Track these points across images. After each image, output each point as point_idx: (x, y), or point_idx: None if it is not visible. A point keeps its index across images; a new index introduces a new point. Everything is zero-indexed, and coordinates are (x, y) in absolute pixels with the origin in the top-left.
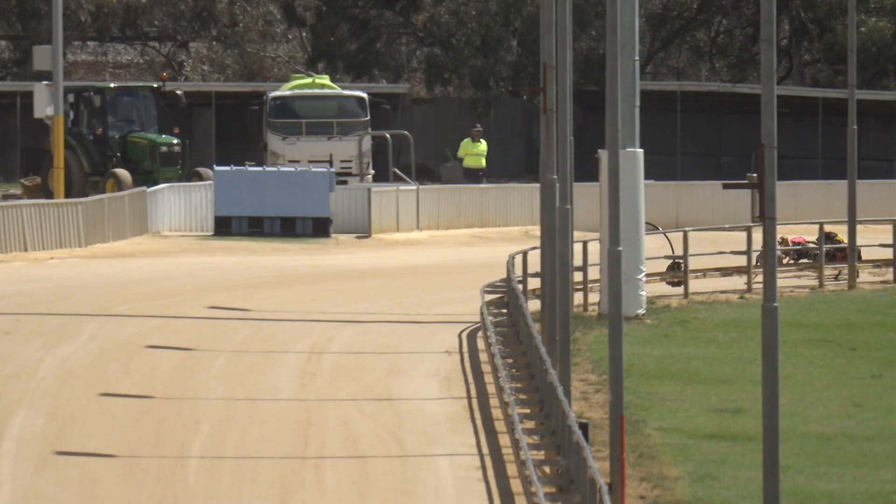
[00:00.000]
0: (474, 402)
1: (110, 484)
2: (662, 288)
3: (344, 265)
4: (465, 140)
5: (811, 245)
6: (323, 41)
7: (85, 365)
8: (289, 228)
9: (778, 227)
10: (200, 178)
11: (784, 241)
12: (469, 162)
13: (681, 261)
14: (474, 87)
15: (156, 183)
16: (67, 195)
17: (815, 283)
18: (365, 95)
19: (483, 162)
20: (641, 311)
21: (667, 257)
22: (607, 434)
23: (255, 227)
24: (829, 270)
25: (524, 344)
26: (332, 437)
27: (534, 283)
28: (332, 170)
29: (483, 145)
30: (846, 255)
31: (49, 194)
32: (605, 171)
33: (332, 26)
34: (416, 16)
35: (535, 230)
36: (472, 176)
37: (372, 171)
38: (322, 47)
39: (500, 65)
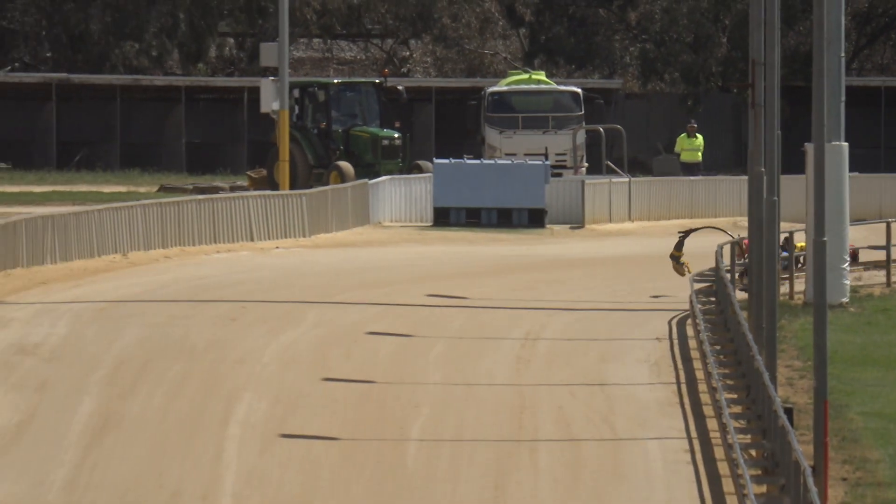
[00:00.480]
0: (683, 387)
1: (331, 465)
2: (870, 277)
3: (558, 255)
4: (682, 136)
5: None
6: (540, 38)
7: (308, 350)
8: (505, 219)
9: None
10: (420, 170)
11: None
12: (686, 157)
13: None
14: (685, 83)
15: (377, 175)
16: (292, 187)
17: None
18: (579, 91)
19: (699, 156)
20: (845, 300)
21: (870, 247)
22: (811, 418)
23: (473, 218)
24: None
25: (731, 331)
26: (545, 420)
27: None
28: (547, 162)
29: (699, 140)
30: None
31: (275, 186)
32: (810, 164)
33: (550, 23)
34: (630, 13)
35: (743, 221)
36: (690, 170)
37: (585, 164)
38: (540, 44)
39: (710, 60)
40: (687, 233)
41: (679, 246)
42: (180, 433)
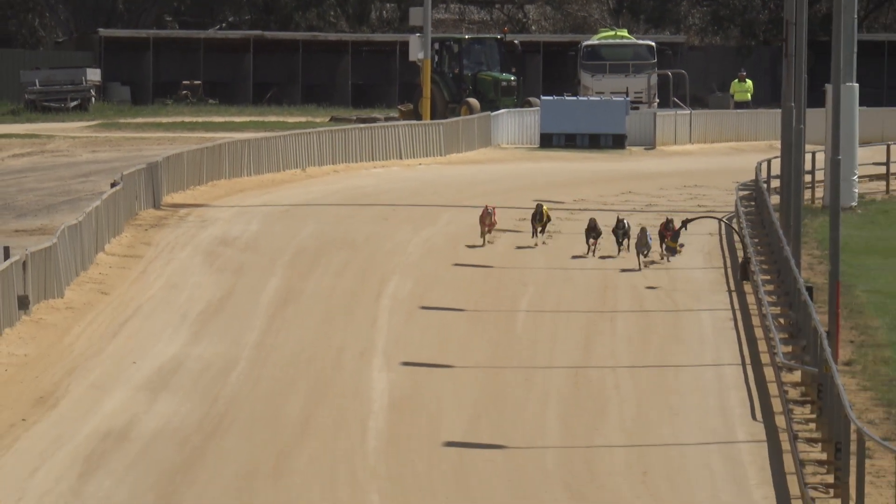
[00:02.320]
0: (728, 271)
1: (459, 329)
2: (874, 186)
3: (635, 169)
4: (734, 81)
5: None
6: (625, 2)
7: (442, 243)
8: (594, 142)
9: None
10: (530, 105)
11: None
12: (738, 97)
13: (751, 259)
14: (741, 36)
15: (497, 109)
16: (432, 118)
17: None
18: (653, 44)
19: (748, 97)
20: (854, 204)
21: (874, 164)
22: (826, 295)
23: (570, 142)
24: None
25: (766, 228)
26: (623, 296)
27: (774, 183)
28: (628, 99)
29: (749, 84)
30: None
31: (419, 117)
32: (829, 100)
33: None
34: None
35: (777, 144)
36: (741, 107)
37: (657, 100)
38: (624, 6)
39: (757, 20)
40: (685, 223)
41: (675, 237)
42: (344, 305)
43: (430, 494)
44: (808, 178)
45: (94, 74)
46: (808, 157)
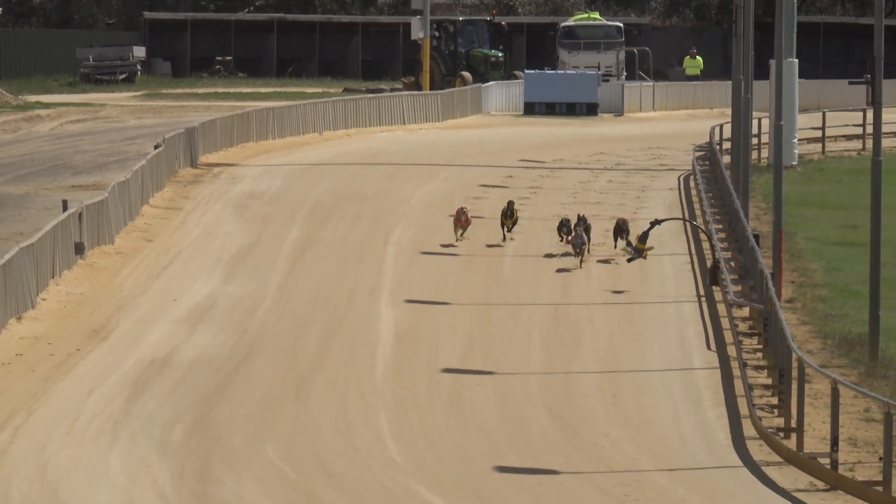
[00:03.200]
0: (687, 221)
1: (456, 272)
2: (811, 148)
3: (605, 133)
4: (686, 57)
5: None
6: None
7: (440, 197)
8: (571, 110)
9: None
10: (515, 77)
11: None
12: (689, 72)
13: (720, 266)
14: (695, 19)
15: (487, 81)
16: (431, 89)
17: None
18: (621, 25)
19: (698, 71)
20: (794, 163)
21: (812, 129)
22: (771, 241)
23: (550, 109)
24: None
25: (718, 184)
26: (596, 241)
27: (725, 145)
28: (599, 72)
29: (698, 60)
30: None
31: (419, 88)
32: (773, 73)
33: None
34: None
35: (728, 111)
36: (692, 80)
37: (625, 74)
38: None
39: (711, 4)
40: (653, 224)
41: (644, 238)
42: (355, 251)
43: (429, 414)
44: (754, 140)
45: (139, 51)
46: (754, 122)
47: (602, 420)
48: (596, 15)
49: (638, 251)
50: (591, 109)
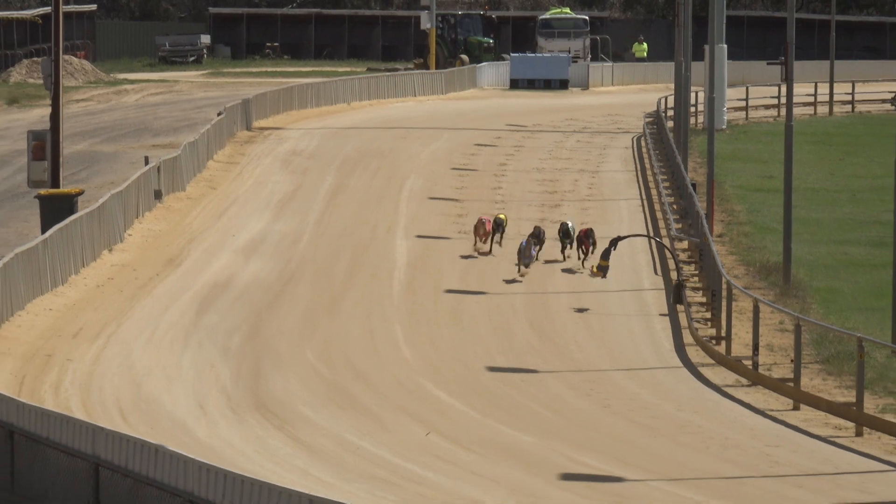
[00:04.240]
0: (639, 173)
1: (456, 212)
2: (736, 115)
3: (574, 103)
4: (635, 43)
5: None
6: None
7: (443, 153)
8: (547, 85)
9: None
10: (503, 59)
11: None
12: (637, 54)
13: (682, 290)
14: (645, 13)
15: (480, 62)
16: (436, 68)
17: (812, 111)
18: (587, 17)
19: (645, 54)
20: (724, 126)
21: (738, 100)
22: (705, 188)
23: (531, 84)
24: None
25: (663, 143)
26: (566, 189)
27: (670, 113)
28: (570, 55)
29: (645, 45)
30: None
31: (427, 67)
32: (707, 56)
33: None
34: None
35: (672, 86)
36: (640, 62)
37: (589, 56)
38: None
39: (656, 2)
40: (615, 242)
41: (605, 255)
42: (376, 197)
43: (434, 325)
44: (692, 109)
45: (205, 38)
46: (692, 94)
47: (572, 330)
48: (567, 10)
49: (603, 269)
50: (563, 84)
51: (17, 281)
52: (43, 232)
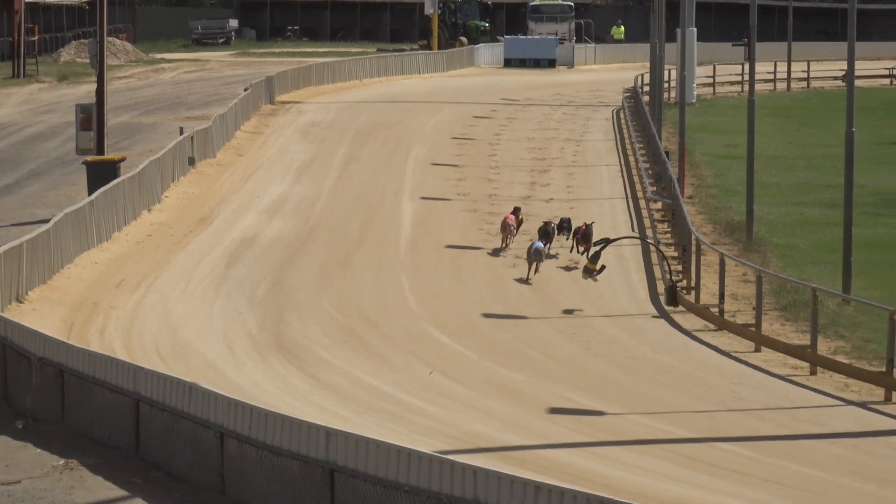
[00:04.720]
0: (618, 142)
1: (457, 176)
2: (705, 90)
3: (561, 80)
4: (613, 26)
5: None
6: None
7: (445, 125)
8: (537, 63)
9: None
10: (498, 41)
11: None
12: (616, 37)
13: (675, 292)
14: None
15: (478, 43)
16: (439, 49)
17: (772, 87)
18: (572, 3)
19: (622, 36)
20: (693, 101)
21: (706, 77)
22: (677, 156)
23: (522, 63)
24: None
25: (640, 116)
26: (554, 156)
27: (646, 88)
28: (557, 37)
29: (622, 28)
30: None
31: (430, 48)
32: (679, 38)
33: None
34: None
35: (647, 64)
36: (617, 43)
37: (574, 38)
38: None
39: None
40: (605, 244)
41: (595, 258)
42: (385, 164)
43: (437, 278)
44: (665, 85)
45: (233, 22)
46: (666, 72)
47: (558, 281)
48: None
49: (590, 271)
50: (551, 63)
51: (67, 237)
52: (89, 194)
